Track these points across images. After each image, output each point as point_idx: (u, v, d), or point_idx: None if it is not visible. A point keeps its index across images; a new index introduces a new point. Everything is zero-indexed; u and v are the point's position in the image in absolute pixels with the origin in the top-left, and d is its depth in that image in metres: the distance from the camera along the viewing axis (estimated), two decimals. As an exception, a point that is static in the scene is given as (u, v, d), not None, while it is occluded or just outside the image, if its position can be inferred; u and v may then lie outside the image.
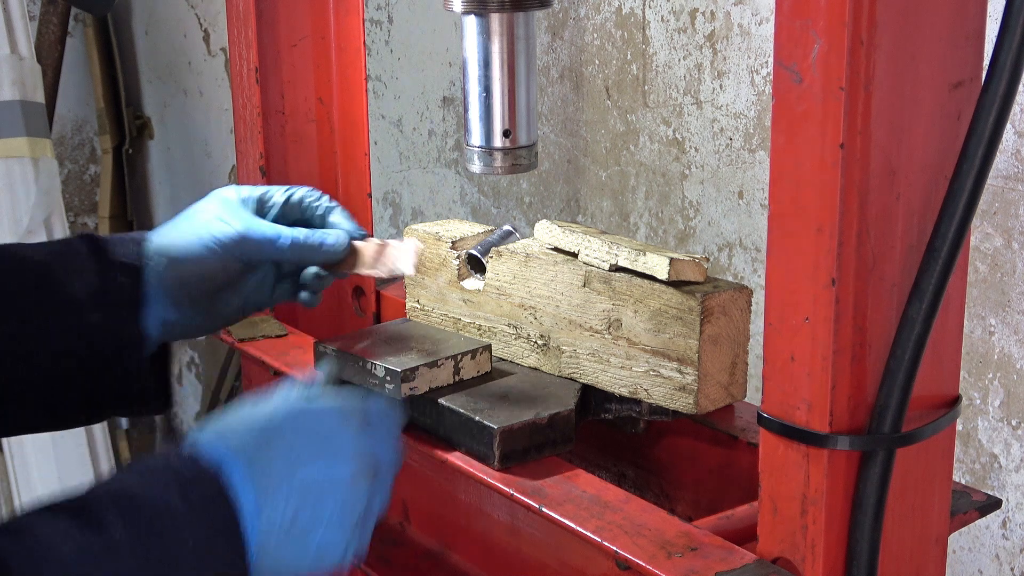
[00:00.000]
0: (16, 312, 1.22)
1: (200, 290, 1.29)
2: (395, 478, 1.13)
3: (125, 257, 1.26)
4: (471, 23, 1.32)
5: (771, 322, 1.07)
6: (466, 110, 1.35)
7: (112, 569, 0.92)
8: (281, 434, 1.04)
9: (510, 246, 1.50)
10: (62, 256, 1.25)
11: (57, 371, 1.23)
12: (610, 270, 1.39)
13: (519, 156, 1.35)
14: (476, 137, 1.35)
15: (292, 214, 1.35)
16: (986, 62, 1.01)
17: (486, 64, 1.32)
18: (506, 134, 1.34)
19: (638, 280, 1.36)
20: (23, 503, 3.10)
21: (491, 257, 1.51)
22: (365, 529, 1.08)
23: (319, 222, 1.36)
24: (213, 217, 1.29)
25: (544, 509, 1.24)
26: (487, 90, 1.33)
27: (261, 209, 1.33)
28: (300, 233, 1.30)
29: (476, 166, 1.36)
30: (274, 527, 1.01)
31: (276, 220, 1.33)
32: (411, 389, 1.38)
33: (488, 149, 1.35)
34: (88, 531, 0.92)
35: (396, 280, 1.81)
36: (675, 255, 1.34)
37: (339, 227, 1.35)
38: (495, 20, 1.31)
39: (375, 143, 2.92)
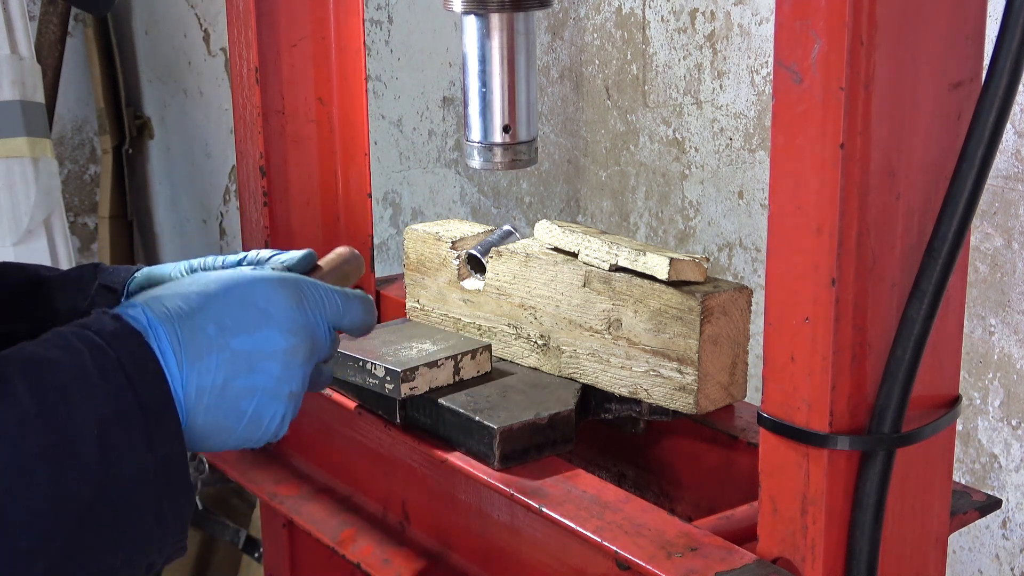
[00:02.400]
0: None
1: None
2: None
3: (111, 283, 1.26)
4: (471, 22, 1.32)
5: (771, 322, 1.07)
6: (466, 105, 1.35)
7: (18, 439, 0.89)
8: (215, 301, 1.03)
9: (510, 246, 1.50)
10: (66, 281, 1.26)
11: None
12: (610, 270, 1.39)
13: (519, 151, 1.35)
14: (476, 132, 1.35)
15: None
16: (986, 62, 1.01)
17: (486, 60, 1.32)
18: (506, 129, 1.34)
19: (638, 280, 1.36)
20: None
21: (491, 257, 1.51)
22: (296, 407, 1.07)
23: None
24: None
25: (544, 509, 1.24)
26: (487, 85, 1.33)
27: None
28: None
29: (476, 161, 1.35)
30: (204, 390, 1.00)
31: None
32: (411, 389, 1.38)
33: (488, 145, 1.34)
34: None
35: (396, 280, 1.82)
36: (675, 255, 1.34)
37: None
38: (495, 18, 1.31)
39: (375, 143, 2.92)
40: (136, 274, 1.28)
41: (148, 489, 0.96)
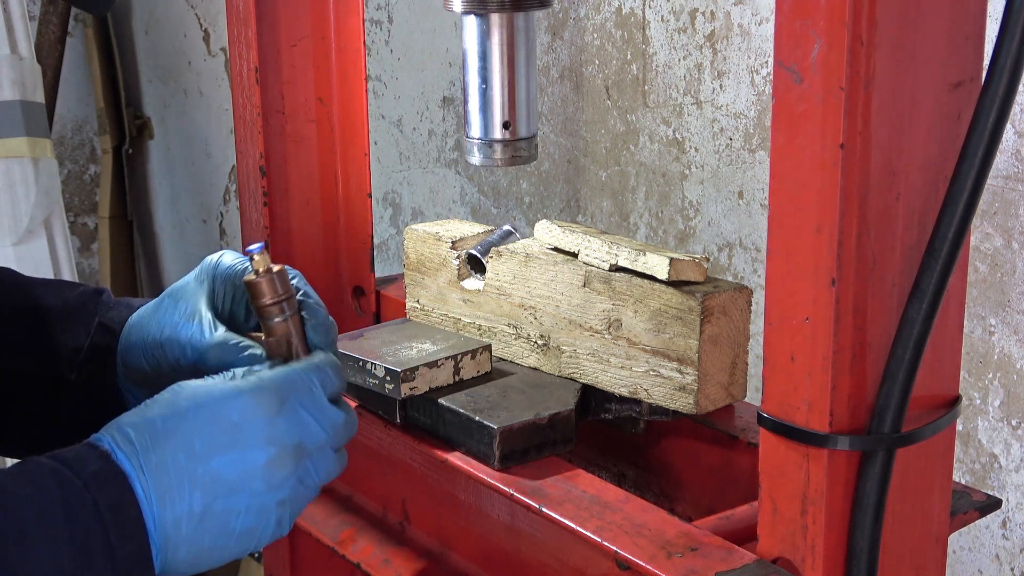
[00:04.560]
0: (13, 355, 1.21)
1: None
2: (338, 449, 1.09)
3: (110, 322, 1.22)
4: (471, 20, 1.32)
5: (771, 322, 1.07)
6: (466, 102, 1.35)
7: None
8: (184, 424, 1.00)
9: (510, 246, 1.50)
10: (67, 313, 1.23)
11: (40, 412, 1.22)
12: (610, 270, 1.39)
13: (519, 148, 1.35)
14: (476, 129, 1.35)
15: None
16: (986, 62, 1.01)
17: (486, 56, 1.32)
18: (506, 126, 1.34)
19: (638, 280, 1.36)
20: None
21: (491, 257, 1.51)
22: (296, 506, 1.05)
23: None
24: (180, 325, 1.18)
25: (544, 509, 1.24)
26: (487, 82, 1.33)
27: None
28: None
29: (476, 158, 1.35)
30: (180, 521, 0.97)
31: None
32: (411, 389, 1.38)
33: (488, 141, 1.34)
34: None
35: (396, 280, 1.82)
36: (675, 255, 1.34)
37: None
38: (495, 16, 1.31)
39: (375, 143, 2.92)
40: (128, 322, 1.23)
41: None
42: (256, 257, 1.12)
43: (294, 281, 1.15)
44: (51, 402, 1.21)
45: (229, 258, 1.19)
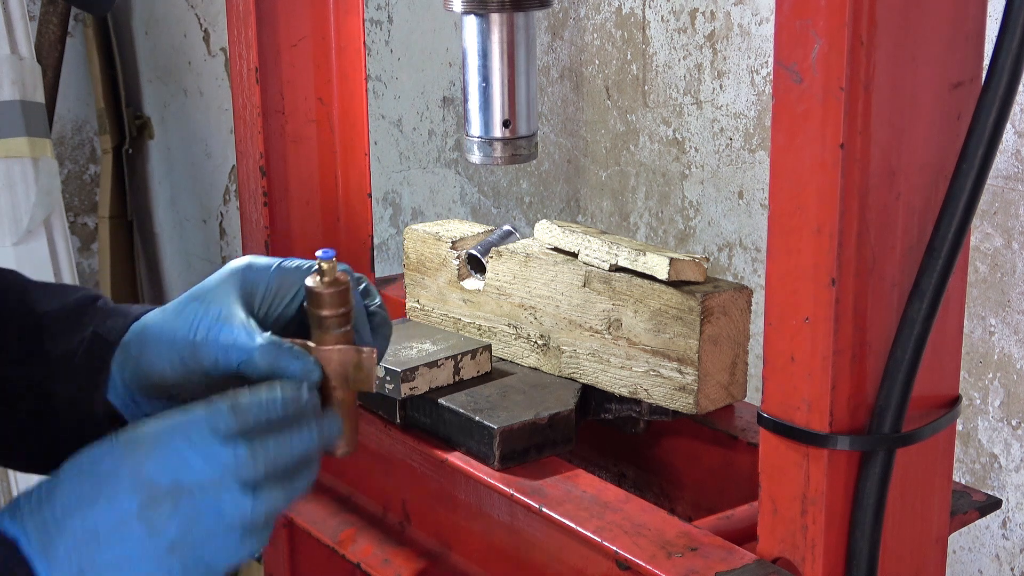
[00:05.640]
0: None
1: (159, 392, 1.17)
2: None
3: (106, 332, 1.16)
4: (471, 19, 1.32)
5: (771, 322, 1.07)
6: (465, 100, 1.35)
7: None
8: (60, 482, 0.97)
9: (510, 246, 1.50)
10: (62, 318, 1.18)
11: (30, 426, 1.18)
12: (610, 270, 1.39)
13: (519, 146, 1.35)
14: (476, 127, 1.35)
15: None
16: (986, 62, 1.01)
17: (486, 55, 1.32)
18: (506, 124, 1.34)
19: (638, 280, 1.37)
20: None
21: (491, 257, 1.51)
22: (200, 550, 0.97)
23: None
24: (203, 327, 1.12)
25: (544, 509, 1.24)
26: (487, 80, 1.33)
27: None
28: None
29: (476, 156, 1.35)
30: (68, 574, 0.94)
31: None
32: (411, 389, 1.38)
33: (488, 139, 1.34)
34: None
35: (396, 280, 1.82)
36: (675, 255, 1.34)
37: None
38: (495, 16, 1.31)
39: (375, 143, 2.91)
40: (130, 330, 1.17)
41: None
42: (325, 266, 1.07)
43: (362, 286, 1.13)
44: (40, 414, 1.18)
45: (261, 262, 1.14)
